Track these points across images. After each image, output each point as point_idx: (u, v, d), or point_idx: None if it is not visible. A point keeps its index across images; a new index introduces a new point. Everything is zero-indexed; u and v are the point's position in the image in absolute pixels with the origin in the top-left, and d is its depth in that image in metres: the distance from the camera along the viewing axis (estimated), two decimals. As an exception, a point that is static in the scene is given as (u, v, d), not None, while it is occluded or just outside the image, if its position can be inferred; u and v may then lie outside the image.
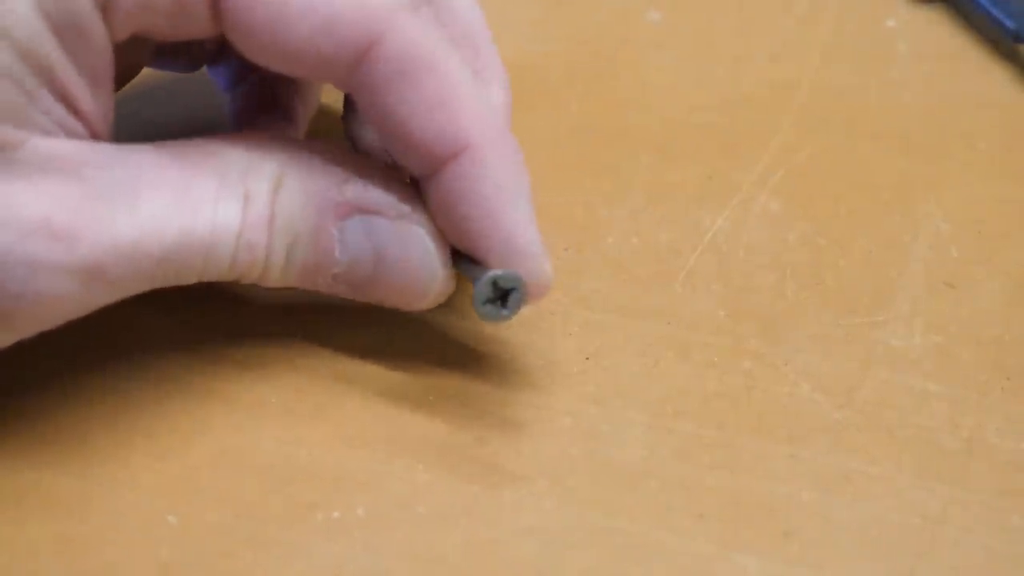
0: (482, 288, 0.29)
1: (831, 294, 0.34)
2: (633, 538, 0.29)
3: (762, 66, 0.42)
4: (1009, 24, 0.42)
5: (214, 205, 0.29)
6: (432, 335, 0.33)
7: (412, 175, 0.31)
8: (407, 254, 0.30)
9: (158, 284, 0.29)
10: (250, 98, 0.37)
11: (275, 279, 0.30)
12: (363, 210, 0.30)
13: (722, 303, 0.34)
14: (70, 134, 0.28)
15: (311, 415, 0.31)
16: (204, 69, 0.38)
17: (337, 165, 0.30)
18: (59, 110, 0.28)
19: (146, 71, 0.35)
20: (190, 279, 0.29)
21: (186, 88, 0.41)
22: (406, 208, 0.30)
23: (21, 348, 0.32)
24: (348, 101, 0.34)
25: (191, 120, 0.40)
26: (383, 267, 0.30)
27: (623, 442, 0.31)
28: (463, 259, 0.31)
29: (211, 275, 0.30)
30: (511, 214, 0.29)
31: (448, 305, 0.34)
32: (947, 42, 0.43)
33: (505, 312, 0.30)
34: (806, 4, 0.45)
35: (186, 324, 0.33)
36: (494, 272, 0.29)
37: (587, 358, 0.33)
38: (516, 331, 0.33)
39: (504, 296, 0.30)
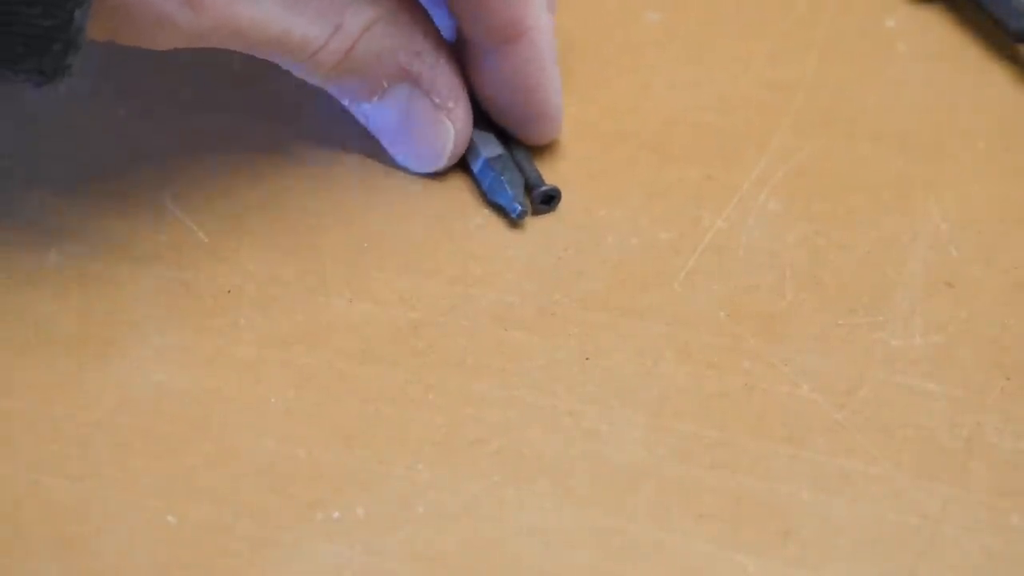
0: (538, 195, 0.36)
1: (830, 294, 0.34)
2: (633, 538, 0.29)
3: (761, 66, 0.42)
4: (1009, 24, 0.42)
5: (311, 21, 0.34)
6: (431, 334, 0.33)
7: (472, 47, 0.37)
8: (430, 139, 0.37)
9: (239, 51, 0.34)
10: None
11: (317, 81, 0.36)
12: (417, 84, 0.36)
13: (722, 303, 0.34)
14: None
15: (311, 415, 0.31)
16: None
17: (421, 35, 0.36)
18: None
19: None
20: (263, 57, 0.35)
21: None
22: (451, 104, 0.36)
23: (18, 350, 0.32)
24: None
25: None
26: (402, 132, 0.37)
27: (623, 442, 0.31)
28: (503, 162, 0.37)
29: (278, 61, 0.35)
30: (549, 86, 0.37)
31: (449, 305, 0.34)
32: (947, 42, 0.43)
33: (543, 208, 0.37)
34: (805, 4, 0.45)
35: (185, 324, 0.33)
36: (551, 188, 0.36)
37: (587, 358, 0.33)
38: (516, 331, 0.33)
39: (549, 200, 0.37)
